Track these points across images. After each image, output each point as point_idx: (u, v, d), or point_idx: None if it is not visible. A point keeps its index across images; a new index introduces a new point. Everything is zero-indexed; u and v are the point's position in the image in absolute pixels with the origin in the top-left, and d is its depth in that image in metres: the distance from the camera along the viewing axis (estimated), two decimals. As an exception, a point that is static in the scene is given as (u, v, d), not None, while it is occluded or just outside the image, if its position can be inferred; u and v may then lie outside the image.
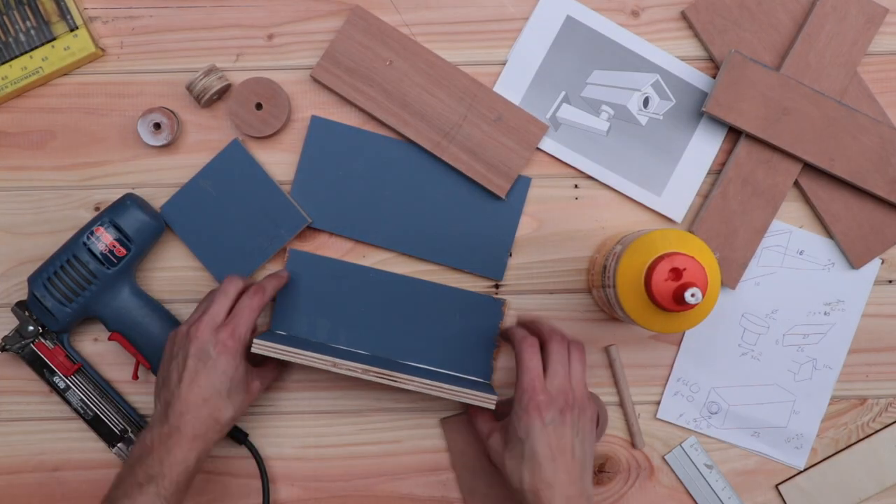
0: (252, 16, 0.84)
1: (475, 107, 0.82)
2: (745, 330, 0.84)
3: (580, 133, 0.84)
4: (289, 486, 0.84)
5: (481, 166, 0.82)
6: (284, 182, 0.84)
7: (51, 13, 0.82)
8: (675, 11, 0.84)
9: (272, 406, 0.85)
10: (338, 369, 0.75)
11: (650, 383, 0.85)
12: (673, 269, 0.69)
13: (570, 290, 0.85)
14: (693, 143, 0.84)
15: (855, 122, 0.81)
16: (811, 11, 0.82)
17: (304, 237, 0.84)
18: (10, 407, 0.84)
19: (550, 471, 0.71)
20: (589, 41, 0.84)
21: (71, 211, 0.84)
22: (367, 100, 0.83)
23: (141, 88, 0.84)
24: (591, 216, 0.85)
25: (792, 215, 0.85)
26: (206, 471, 0.84)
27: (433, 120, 0.82)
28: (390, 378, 0.75)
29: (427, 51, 0.83)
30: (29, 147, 0.84)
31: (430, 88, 0.82)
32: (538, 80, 0.84)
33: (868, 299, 0.85)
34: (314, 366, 0.75)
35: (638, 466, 0.85)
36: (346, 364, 0.75)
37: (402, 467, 0.85)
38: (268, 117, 0.82)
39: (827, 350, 0.85)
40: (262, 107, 0.82)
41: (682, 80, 0.84)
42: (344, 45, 0.83)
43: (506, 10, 0.84)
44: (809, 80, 0.81)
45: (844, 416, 0.85)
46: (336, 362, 0.75)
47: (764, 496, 0.85)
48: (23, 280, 0.83)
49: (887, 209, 0.83)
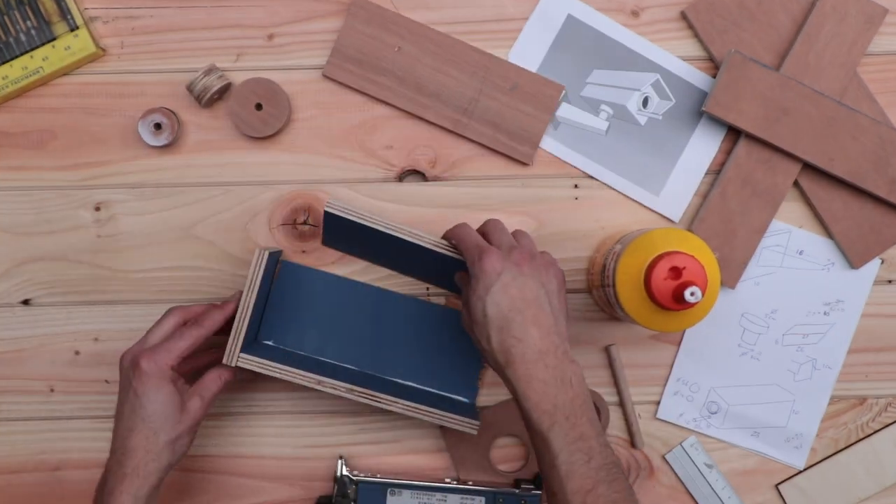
0: (252, 16, 0.84)
1: (489, 79, 0.82)
2: (744, 330, 0.84)
3: (579, 132, 0.84)
4: (288, 486, 0.84)
5: (504, 137, 0.83)
6: (285, 182, 0.84)
7: (51, 13, 0.82)
8: (675, 11, 0.84)
9: (271, 406, 0.85)
10: (322, 387, 0.75)
11: (650, 383, 0.85)
12: (672, 267, 0.69)
13: (570, 289, 0.85)
14: (692, 142, 0.84)
15: (854, 122, 0.81)
16: (811, 12, 0.82)
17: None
18: (11, 407, 0.84)
19: (517, 325, 0.65)
20: (590, 40, 0.84)
21: (71, 211, 0.84)
22: (381, 89, 0.83)
23: (141, 88, 0.84)
24: (590, 216, 0.85)
25: (791, 215, 0.85)
26: (206, 471, 0.84)
27: (449, 99, 0.83)
28: (374, 399, 0.75)
29: (433, 31, 0.83)
30: (29, 147, 0.84)
31: (441, 68, 0.83)
32: (538, 80, 0.84)
33: (867, 299, 0.85)
34: (299, 382, 0.75)
35: (638, 466, 0.85)
36: (331, 382, 0.75)
37: (403, 467, 0.85)
38: (268, 117, 0.83)
39: (826, 350, 0.85)
40: (262, 107, 0.82)
41: (682, 79, 0.84)
42: (350, 39, 0.83)
43: (506, 10, 0.84)
44: (809, 81, 0.82)
45: (844, 415, 0.85)
46: (321, 380, 0.75)
47: (764, 496, 0.85)
48: (23, 280, 0.83)
49: (887, 209, 0.83)
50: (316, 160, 0.84)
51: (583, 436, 0.65)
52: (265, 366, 0.74)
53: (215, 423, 0.85)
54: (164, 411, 0.72)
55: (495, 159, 0.84)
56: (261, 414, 0.85)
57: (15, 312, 0.84)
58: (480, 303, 0.67)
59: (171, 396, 0.72)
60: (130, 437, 0.71)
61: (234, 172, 0.84)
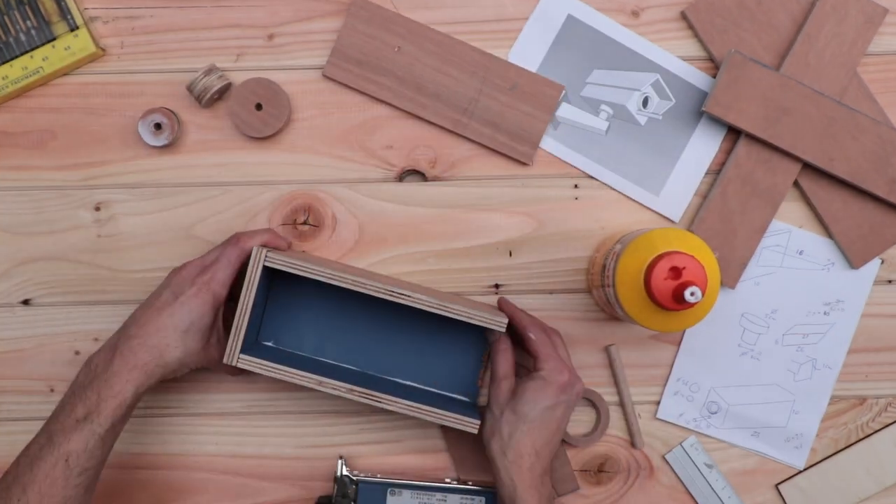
0: (252, 16, 0.84)
1: (489, 78, 0.82)
2: (744, 330, 0.84)
3: (579, 132, 0.84)
4: (288, 486, 0.84)
5: (504, 137, 0.83)
6: (285, 182, 0.84)
7: (51, 13, 0.82)
8: (675, 11, 0.84)
9: (272, 406, 0.85)
10: (323, 388, 0.75)
11: (650, 383, 0.85)
12: (672, 267, 0.69)
13: (570, 290, 0.85)
14: (692, 142, 0.84)
15: (854, 123, 0.81)
16: (811, 11, 0.82)
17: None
18: (11, 407, 0.84)
19: (549, 453, 0.76)
20: (590, 40, 0.84)
21: (71, 211, 0.84)
22: (381, 89, 0.83)
23: (141, 88, 0.84)
24: (590, 216, 0.85)
25: (791, 215, 0.85)
26: (206, 470, 0.84)
27: (450, 99, 0.83)
28: (374, 399, 0.75)
29: (433, 31, 0.83)
30: (29, 147, 0.84)
31: (441, 68, 0.83)
32: (538, 80, 0.84)
33: (867, 299, 0.85)
34: (299, 383, 0.75)
35: (638, 466, 0.85)
36: (330, 383, 0.75)
37: (402, 467, 0.85)
38: (268, 118, 0.83)
39: (826, 350, 0.85)
40: (262, 107, 0.82)
41: (682, 79, 0.84)
42: (350, 39, 0.83)
43: (506, 10, 0.84)
44: (809, 80, 0.82)
45: (844, 415, 0.85)
46: (321, 381, 0.75)
47: (764, 496, 0.85)
48: (23, 280, 0.83)
49: (887, 209, 0.83)
50: (316, 160, 0.84)
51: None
52: (265, 367, 0.74)
53: (216, 423, 0.85)
54: (197, 334, 0.75)
55: (495, 159, 0.84)
56: (261, 414, 0.85)
57: (15, 312, 0.84)
58: (527, 407, 0.76)
59: (209, 327, 0.75)
60: (154, 335, 0.73)
61: (234, 172, 0.84)
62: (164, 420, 0.85)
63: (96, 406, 0.71)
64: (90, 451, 0.70)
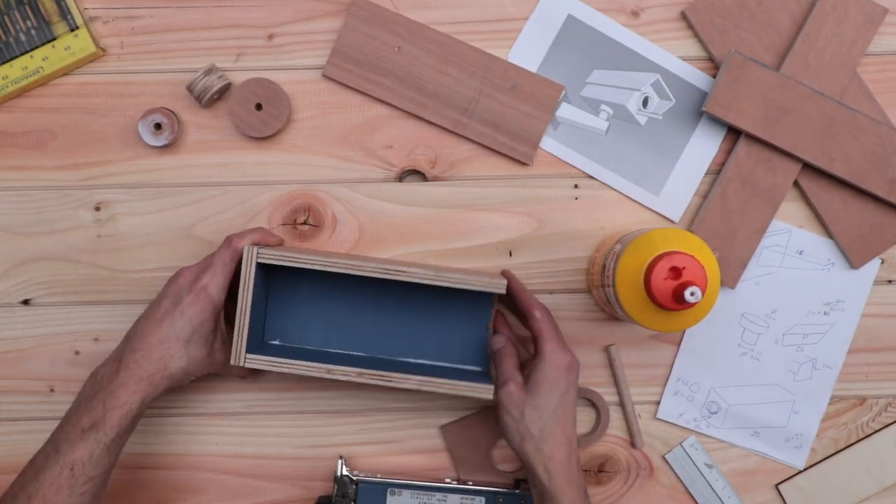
0: (252, 16, 0.84)
1: (489, 78, 0.82)
2: (744, 330, 0.84)
3: (579, 132, 0.84)
4: (288, 486, 0.84)
5: (504, 137, 0.83)
6: (285, 182, 0.84)
7: (51, 13, 0.82)
8: (675, 11, 0.84)
9: (272, 406, 0.85)
10: (332, 375, 0.75)
11: (650, 383, 0.85)
12: (672, 267, 0.69)
13: (570, 289, 0.85)
14: (692, 142, 0.84)
15: (854, 123, 0.81)
16: (811, 11, 0.82)
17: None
18: (11, 407, 0.84)
19: (569, 426, 0.76)
20: (590, 40, 0.84)
21: (71, 211, 0.84)
22: (381, 89, 0.83)
23: (141, 88, 0.84)
24: (590, 216, 0.85)
25: (791, 215, 0.85)
26: (206, 470, 0.84)
27: (450, 99, 0.83)
28: (385, 379, 0.75)
29: (433, 31, 0.83)
30: (29, 147, 0.84)
31: (441, 68, 0.83)
32: (538, 80, 0.84)
33: (867, 299, 0.85)
34: (308, 374, 0.75)
35: (638, 466, 0.85)
36: (340, 370, 0.75)
37: (402, 467, 0.85)
38: (268, 118, 0.83)
39: (826, 350, 0.85)
40: (262, 107, 0.82)
41: (682, 79, 0.84)
42: (350, 39, 0.83)
43: (506, 10, 0.84)
44: (809, 80, 0.82)
45: (844, 415, 0.85)
46: (330, 369, 0.75)
47: (764, 496, 0.85)
48: (23, 280, 0.83)
49: (887, 209, 0.83)
50: (316, 160, 0.84)
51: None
52: (272, 363, 0.74)
53: (216, 423, 0.85)
54: (200, 341, 0.75)
55: (495, 159, 0.84)
56: (261, 414, 0.85)
57: (15, 312, 0.84)
58: (547, 398, 0.76)
59: (210, 333, 0.76)
60: (158, 347, 0.73)
61: (234, 172, 0.84)
62: (165, 420, 0.85)
63: (102, 416, 0.71)
64: (96, 459, 0.70)
